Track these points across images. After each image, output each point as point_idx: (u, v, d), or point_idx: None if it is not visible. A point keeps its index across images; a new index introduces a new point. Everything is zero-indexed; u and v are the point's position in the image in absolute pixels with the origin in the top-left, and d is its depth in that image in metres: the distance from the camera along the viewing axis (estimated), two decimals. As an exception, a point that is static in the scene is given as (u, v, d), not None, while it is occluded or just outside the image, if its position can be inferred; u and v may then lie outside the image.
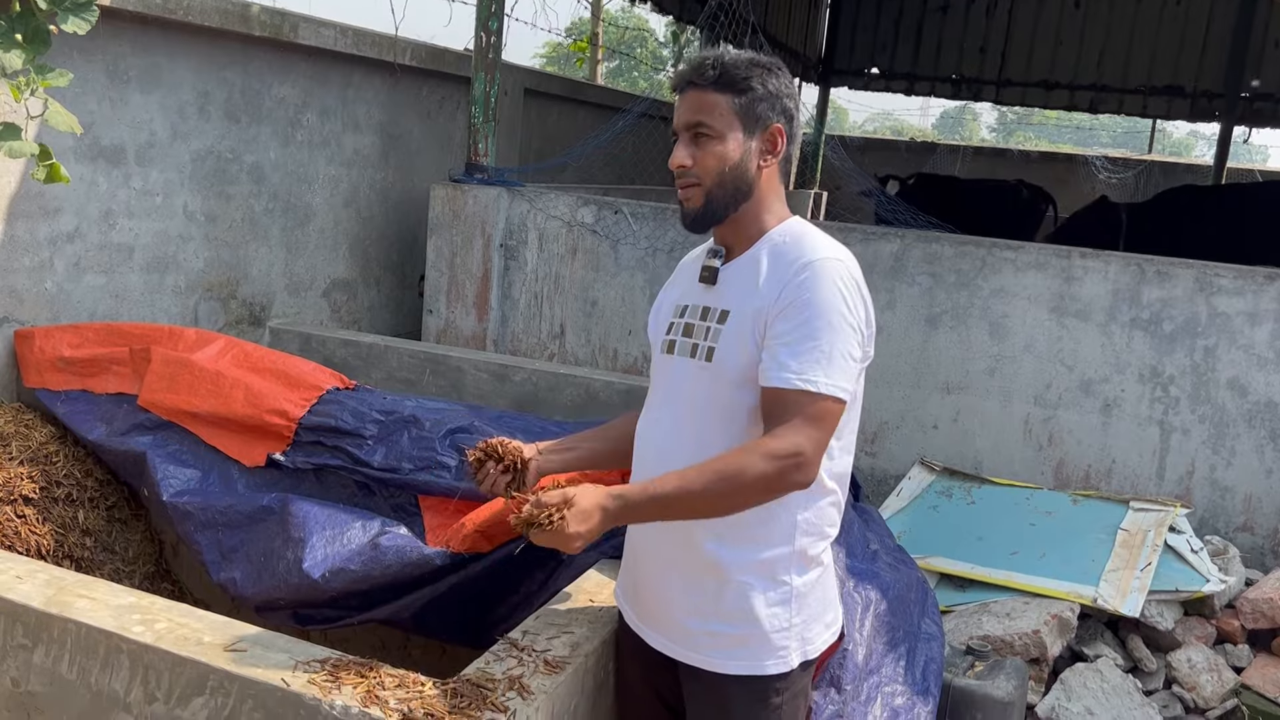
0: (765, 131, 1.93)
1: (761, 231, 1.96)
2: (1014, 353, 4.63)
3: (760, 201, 1.96)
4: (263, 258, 4.87)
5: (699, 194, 1.93)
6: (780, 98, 1.94)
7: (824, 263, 1.85)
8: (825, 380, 1.79)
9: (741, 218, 1.96)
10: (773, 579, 1.93)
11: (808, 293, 1.82)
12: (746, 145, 1.92)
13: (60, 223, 3.84)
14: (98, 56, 3.89)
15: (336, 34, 4.95)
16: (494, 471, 2.14)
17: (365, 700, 1.87)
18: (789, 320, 1.83)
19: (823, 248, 1.90)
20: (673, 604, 2.00)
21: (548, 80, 7.42)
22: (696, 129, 1.92)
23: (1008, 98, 12.99)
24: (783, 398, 1.81)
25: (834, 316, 1.81)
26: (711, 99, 1.90)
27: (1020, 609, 3.57)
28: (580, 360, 5.14)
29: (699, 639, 1.97)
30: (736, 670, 1.93)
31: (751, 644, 1.93)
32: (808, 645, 1.99)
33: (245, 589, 3.10)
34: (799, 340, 1.81)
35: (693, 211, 1.96)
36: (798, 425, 1.78)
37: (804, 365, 1.79)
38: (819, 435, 1.80)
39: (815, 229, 1.97)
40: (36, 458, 3.47)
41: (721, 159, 1.91)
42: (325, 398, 3.46)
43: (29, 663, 2.10)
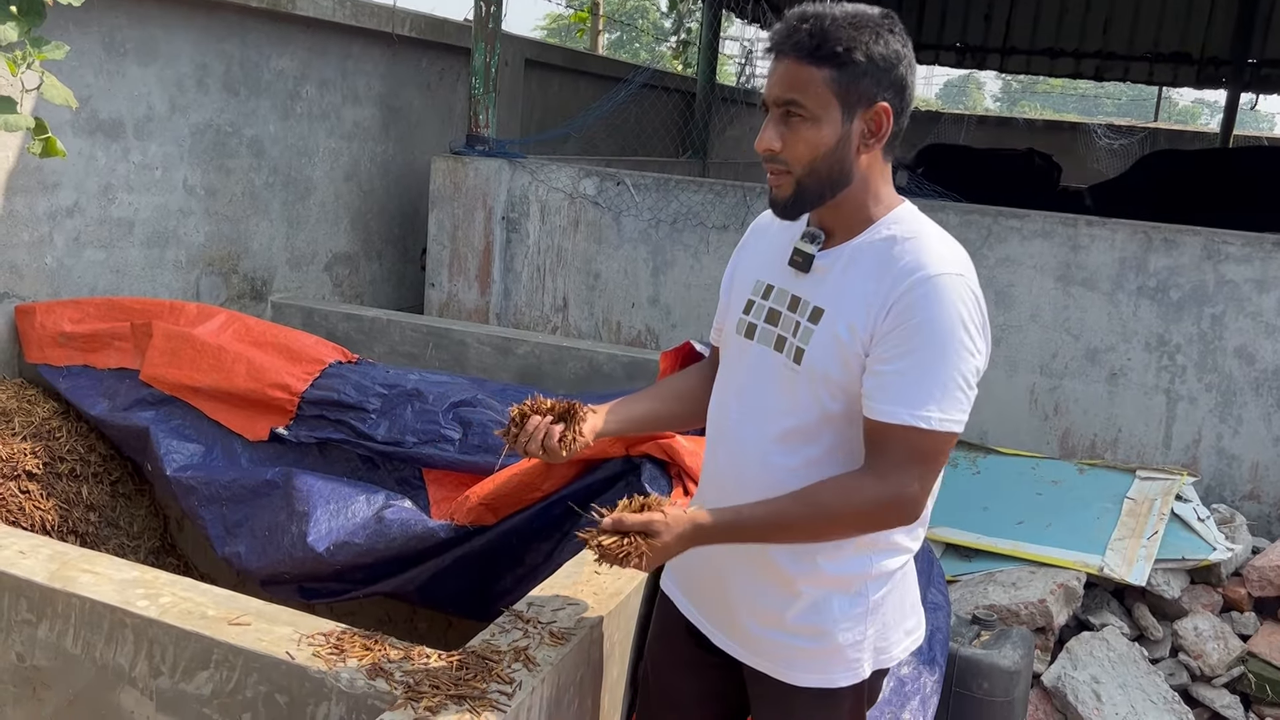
0: (869, 111, 1.65)
1: (868, 220, 1.71)
2: (1020, 322, 4.60)
3: (864, 187, 1.70)
4: (264, 232, 4.84)
5: (789, 183, 1.69)
6: (890, 68, 1.64)
7: (944, 279, 1.61)
8: (940, 415, 1.60)
9: (842, 204, 1.71)
10: (846, 593, 1.77)
11: (924, 314, 1.60)
12: (845, 128, 1.65)
13: (59, 197, 3.82)
14: (94, 29, 3.85)
15: (335, 5, 4.90)
16: (542, 423, 1.88)
17: (371, 672, 1.86)
18: (901, 344, 1.61)
19: (943, 259, 1.64)
20: (735, 607, 1.86)
21: (549, 51, 7.36)
22: (788, 107, 1.66)
23: (1012, 66, 12.89)
24: (891, 434, 1.62)
25: (953, 343, 1.60)
26: (806, 74, 1.63)
27: (1026, 578, 3.57)
28: (583, 333, 5.12)
29: (765, 646, 1.83)
30: (805, 683, 1.80)
31: (822, 658, 1.79)
32: (882, 655, 1.83)
33: (250, 563, 3.10)
34: (912, 369, 1.60)
35: (783, 201, 1.72)
36: (906, 465, 1.61)
37: (917, 399, 1.60)
38: (928, 474, 1.64)
39: (931, 224, 1.71)
40: (39, 433, 3.47)
41: (814, 145, 1.65)
42: (328, 371, 3.45)
43: (34, 638, 2.09)
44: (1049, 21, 12.13)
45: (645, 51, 20.21)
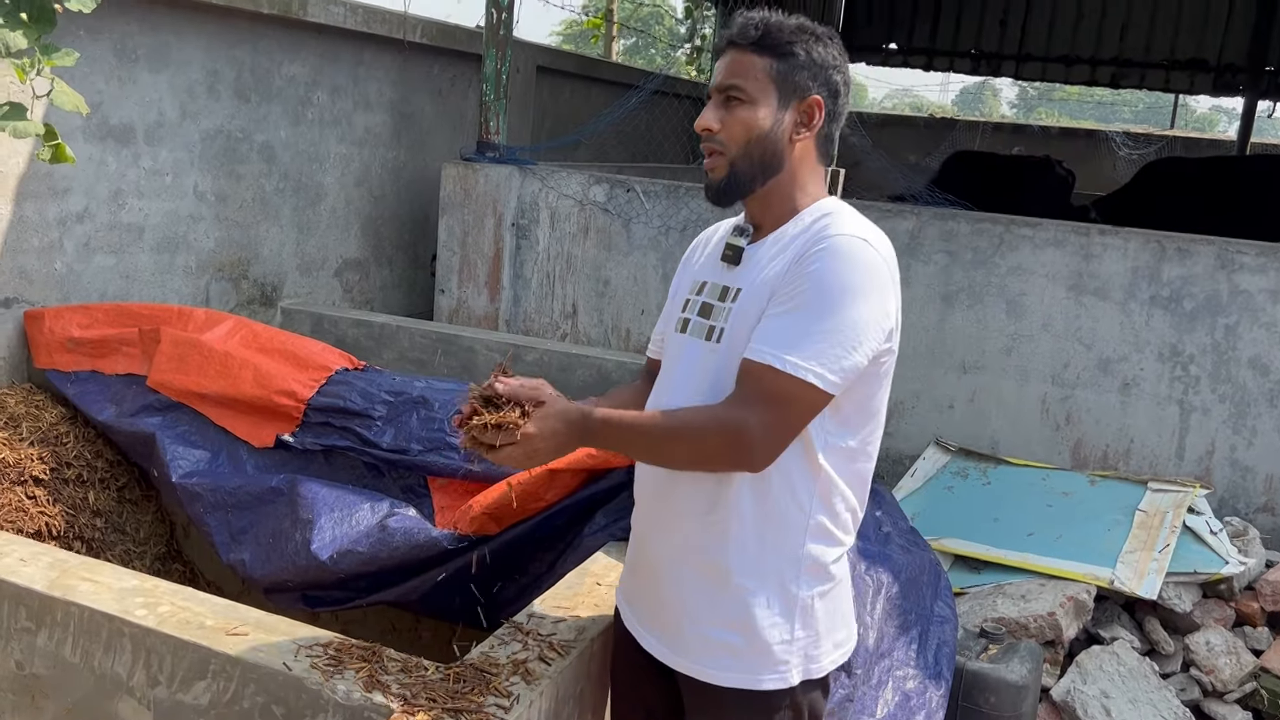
0: (802, 102, 1.77)
1: (793, 210, 1.80)
2: (1031, 331, 4.57)
3: (792, 177, 1.79)
4: (274, 237, 4.85)
5: (723, 164, 1.79)
6: (826, 69, 1.78)
7: (842, 239, 1.68)
8: (797, 360, 1.62)
9: (771, 193, 1.80)
10: (778, 587, 1.78)
11: (815, 266, 1.66)
12: (779, 115, 1.76)
13: (69, 203, 3.83)
14: (105, 35, 3.86)
15: (346, 11, 4.91)
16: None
17: (367, 684, 1.85)
18: (785, 294, 1.69)
19: (848, 225, 1.72)
20: (670, 603, 1.86)
21: (561, 57, 7.36)
22: (729, 91, 1.77)
23: (1027, 73, 12.83)
24: (748, 370, 1.68)
25: (838, 296, 1.64)
26: (749, 61, 1.76)
27: (1036, 591, 3.53)
28: (593, 340, 5.11)
29: (693, 645, 1.83)
30: (731, 683, 1.79)
31: (749, 656, 1.78)
32: (812, 664, 1.82)
33: (254, 570, 3.10)
34: (787, 314, 1.67)
35: (716, 183, 1.81)
36: (751, 401, 1.65)
37: (781, 342, 1.64)
38: (772, 418, 1.64)
39: (852, 210, 1.78)
40: (47, 439, 3.47)
41: (749, 127, 1.75)
42: (334, 378, 3.45)
43: (33, 646, 2.09)
44: (1064, 28, 12.07)
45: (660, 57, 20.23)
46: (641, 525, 1.96)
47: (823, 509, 1.79)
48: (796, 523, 1.77)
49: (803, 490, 1.77)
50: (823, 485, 1.77)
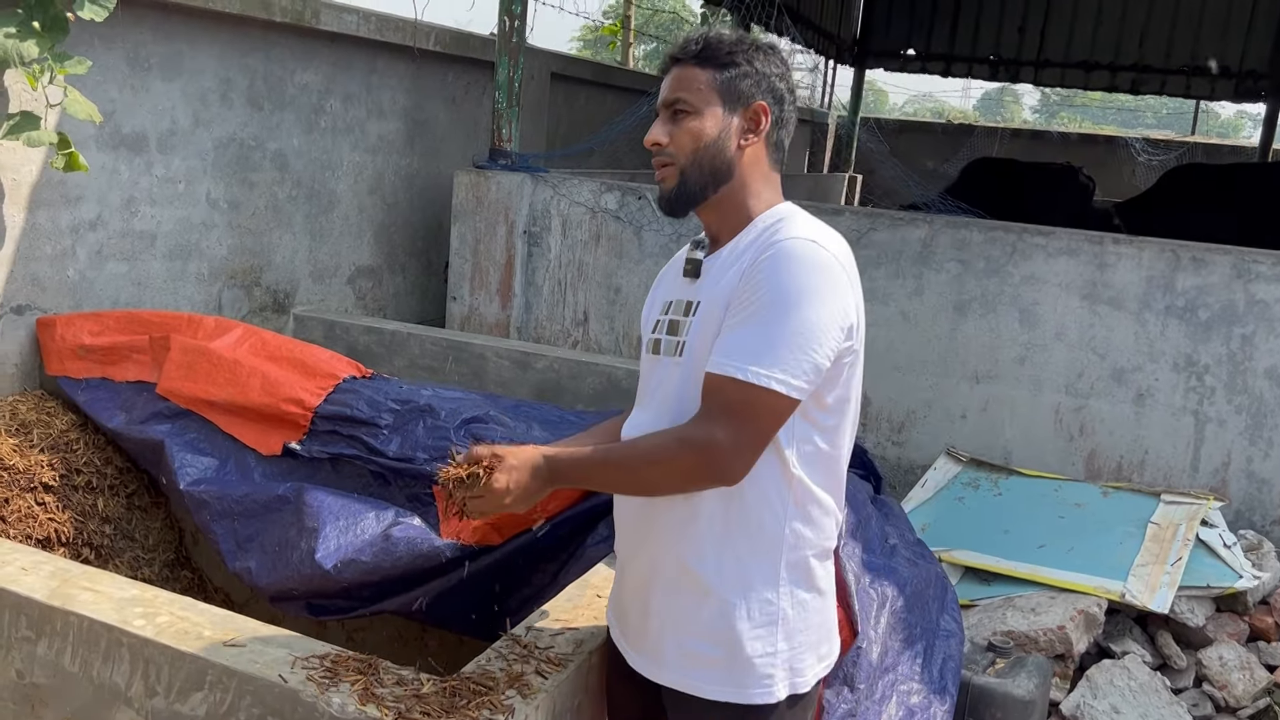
0: (747, 109, 1.80)
1: (748, 218, 1.82)
2: (1045, 341, 4.53)
3: (743, 185, 1.82)
4: (286, 245, 4.86)
5: (673, 173, 1.81)
6: (768, 77, 1.82)
7: (793, 243, 1.69)
8: (759, 370, 1.63)
9: (723, 202, 1.82)
10: (757, 598, 1.77)
11: (766, 273, 1.67)
12: (726, 122, 1.79)
13: (82, 210, 3.85)
14: (118, 44, 3.88)
15: (359, 20, 4.92)
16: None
17: (362, 698, 1.85)
18: (741, 304, 1.69)
19: (799, 228, 1.73)
20: (652, 618, 1.87)
21: (575, 64, 7.37)
22: (675, 105, 1.81)
23: (1046, 79, 12.77)
24: (711, 384, 1.68)
25: (793, 299, 1.65)
26: (692, 74, 1.80)
27: (1046, 604, 3.50)
28: (603, 347, 5.10)
29: (679, 659, 1.82)
30: (716, 696, 1.79)
31: (732, 668, 1.78)
32: (797, 678, 1.81)
33: (260, 579, 3.10)
34: (744, 324, 1.67)
35: (668, 193, 1.83)
36: (719, 415, 1.66)
37: (741, 353, 1.65)
38: (741, 429, 1.65)
39: (805, 215, 1.80)
40: (57, 445, 3.49)
41: (697, 136, 1.78)
42: (341, 386, 3.45)
43: (33, 655, 2.10)
44: (1084, 34, 12.01)
45: (678, 63, 20.15)
46: (622, 542, 1.97)
47: (799, 516, 1.79)
48: (772, 531, 1.77)
49: (776, 498, 1.77)
50: (797, 491, 1.77)
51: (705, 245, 1.89)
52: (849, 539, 2.70)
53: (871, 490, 3.25)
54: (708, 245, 1.88)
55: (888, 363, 4.74)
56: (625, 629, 1.98)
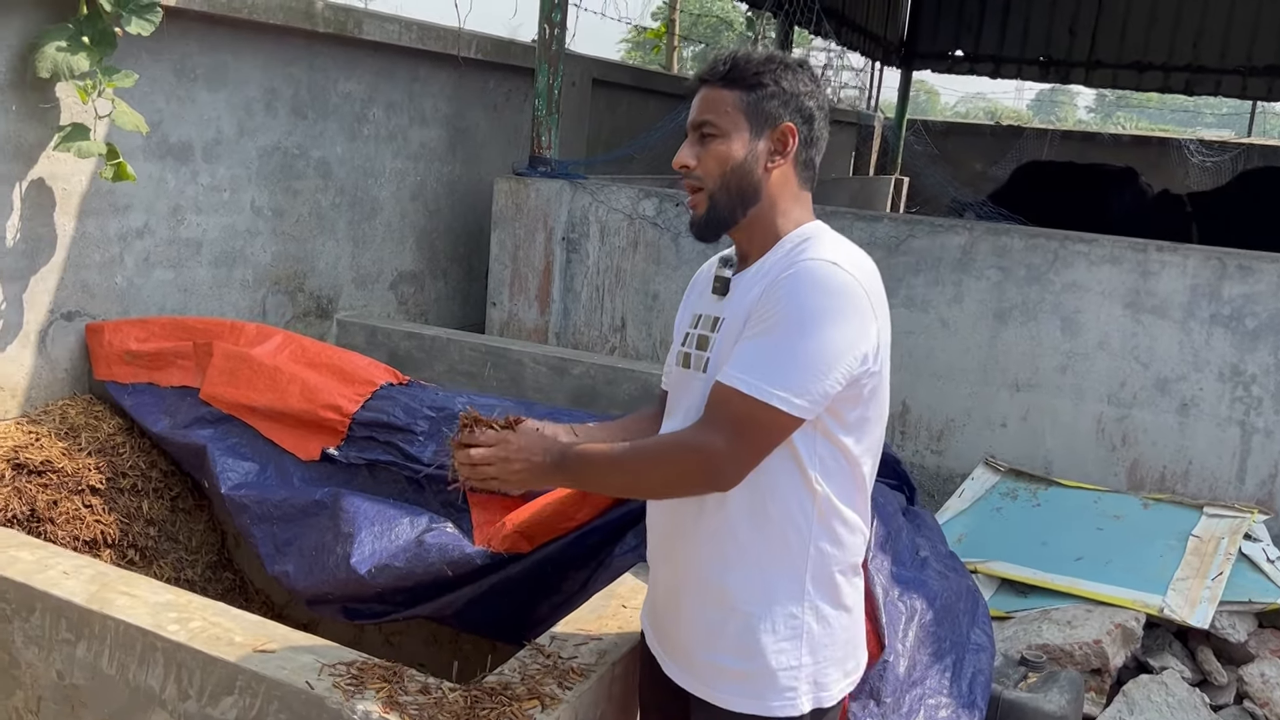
0: (775, 130, 1.80)
1: (776, 238, 1.82)
2: (1087, 349, 4.48)
3: (772, 205, 1.82)
4: (330, 251, 4.94)
5: (703, 199, 1.82)
6: (796, 96, 1.81)
7: (815, 264, 1.70)
8: (763, 385, 1.65)
9: (753, 223, 1.83)
10: (782, 612, 1.79)
11: (785, 292, 1.68)
12: (753, 145, 1.79)
13: (130, 219, 3.94)
14: (166, 56, 3.97)
15: (401, 28, 4.99)
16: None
17: (386, 705, 1.88)
18: (756, 320, 1.71)
19: (820, 249, 1.73)
20: (680, 629, 1.90)
21: (616, 70, 7.39)
22: (702, 128, 1.81)
23: (1098, 80, 12.58)
24: (716, 393, 1.71)
25: (809, 320, 1.66)
26: (719, 96, 1.80)
27: (1082, 617, 3.46)
28: (641, 354, 5.12)
29: (704, 669, 1.86)
30: (740, 708, 1.81)
31: (756, 681, 1.80)
32: (821, 691, 1.82)
33: (297, 582, 3.16)
34: (755, 339, 1.69)
35: (698, 220, 1.85)
36: (719, 423, 1.68)
37: (748, 366, 1.67)
38: (739, 440, 1.67)
39: (832, 235, 1.81)
40: (104, 449, 3.58)
41: (724, 160, 1.79)
42: (379, 393, 3.50)
43: (72, 657, 2.16)
44: (1136, 34, 11.81)
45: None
46: (652, 551, 2.00)
47: (824, 533, 1.80)
48: (797, 548, 1.79)
49: (800, 515, 1.78)
50: (821, 508, 1.78)
51: (734, 263, 1.90)
52: (878, 551, 2.69)
53: (904, 501, 3.24)
54: (736, 263, 1.89)
55: (926, 370, 4.71)
56: (658, 635, 2.02)
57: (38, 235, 3.61)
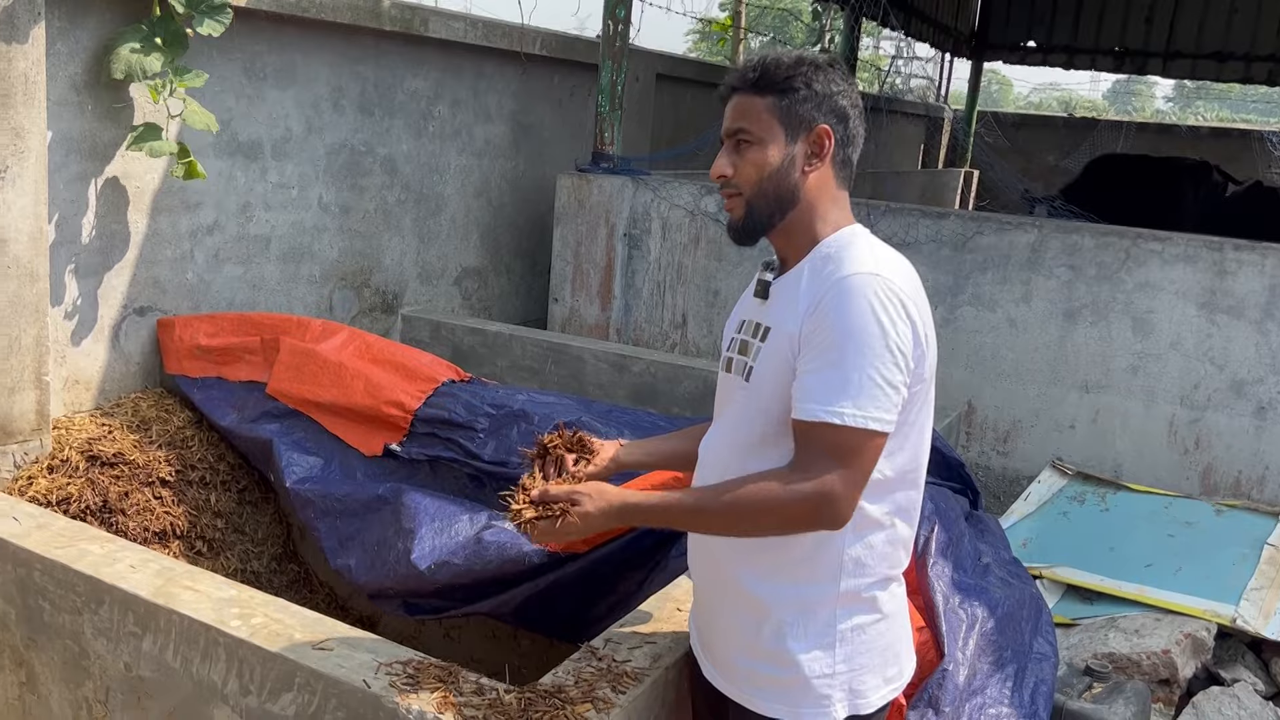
0: (810, 134, 1.78)
1: (814, 241, 1.80)
2: (1159, 350, 4.37)
3: (810, 209, 1.80)
4: (395, 247, 4.99)
5: (740, 204, 1.81)
6: (830, 97, 1.79)
7: (855, 279, 1.68)
8: (854, 411, 1.64)
9: (791, 227, 1.81)
10: (815, 620, 1.79)
11: (836, 314, 1.67)
12: (789, 150, 1.78)
13: (200, 216, 4.02)
14: (236, 55, 4.04)
15: (466, 26, 5.02)
16: (552, 462, 2.08)
17: (440, 705, 1.90)
18: (815, 345, 1.69)
19: (860, 260, 1.72)
20: (717, 634, 1.93)
21: (681, 65, 7.37)
22: (737, 135, 1.80)
23: (1176, 70, 12.24)
24: (809, 432, 1.68)
25: (866, 339, 1.65)
26: (751, 102, 1.79)
27: (1151, 626, 3.38)
28: (702, 350, 5.10)
29: (740, 675, 1.87)
30: (775, 714, 1.82)
31: (790, 688, 1.80)
32: (858, 699, 1.81)
33: (359, 576, 3.20)
34: (824, 368, 1.67)
35: (735, 224, 1.84)
36: (825, 463, 1.66)
37: (829, 395, 1.65)
38: (849, 472, 1.66)
39: (868, 238, 1.80)
40: (174, 442, 3.66)
41: (761, 166, 1.78)
42: (440, 390, 3.53)
43: (139, 649, 2.21)
44: (1217, 23, 11.47)
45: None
46: (691, 559, 2.02)
47: (858, 542, 1.79)
48: (831, 557, 1.79)
49: None
50: (856, 519, 1.76)
51: (776, 267, 1.89)
52: (938, 558, 2.65)
53: (967, 506, 3.18)
54: (778, 267, 1.88)
55: (993, 370, 4.64)
56: (701, 639, 2.03)
57: (112, 232, 3.70)
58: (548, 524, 1.78)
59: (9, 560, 2.39)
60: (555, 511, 1.77)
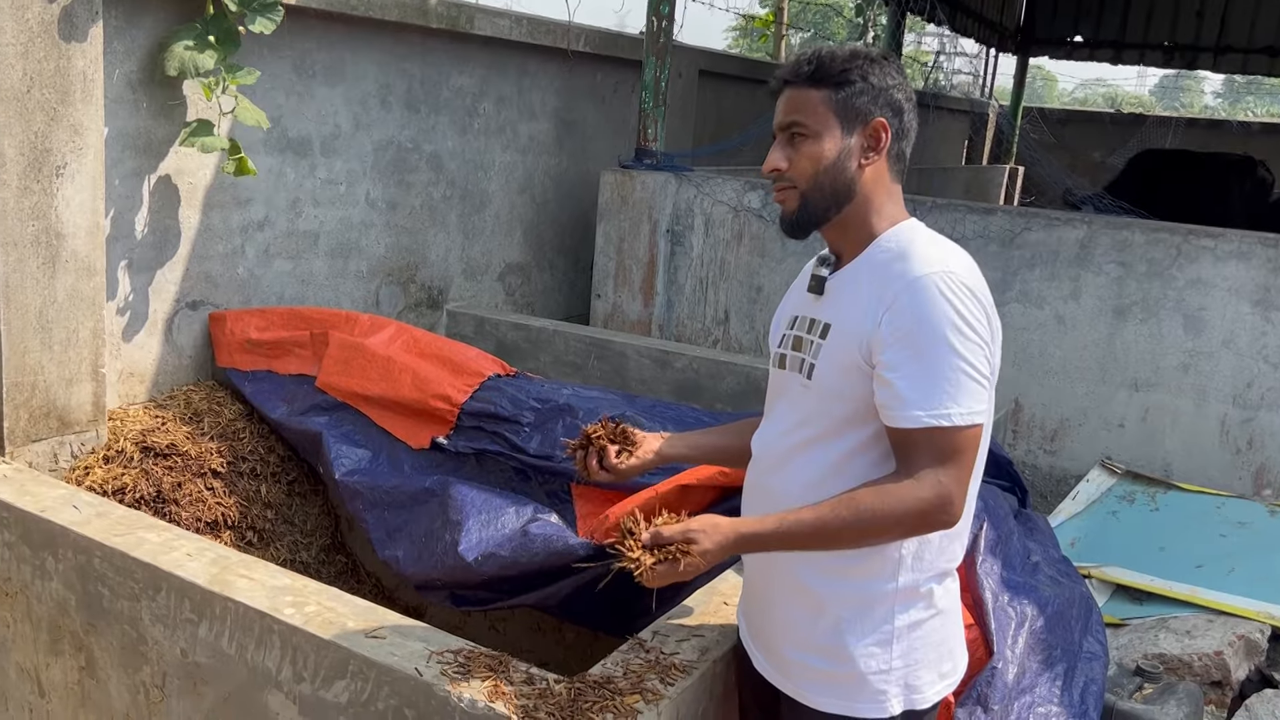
0: (866, 127, 1.77)
1: (870, 236, 1.80)
2: (1211, 348, 4.31)
3: (866, 203, 1.79)
4: (440, 243, 5.03)
5: (794, 197, 1.80)
6: (886, 90, 1.78)
7: (927, 278, 1.67)
8: (958, 410, 1.64)
9: (846, 221, 1.80)
10: (871, 615, 1.79)
11: (914, 316, 1.66)
12: (845, 143, 1.76)
13: (251, 212, 4.08)
14: (286, 53, 4.09)
15: (511, 23, 5.04)
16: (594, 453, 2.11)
17: (491, 694, 1.91)
18: (900, 349, 1.66)
19: (927, 259, 1.71)
20: (771, 627, 1.92)
21: (723, 61, 7.36)
22: (791, 128, 1.78)
23: (1226, 65, 12.04)
24: (916, 438, 1.66)
25: (951, 334, 1.64)
26: (806, 96, 1.77)
27: (1202, 627, 3.33)
28: (744, 347, 5.10)
29: (794, 669, 1.87)
30: (828, 708, 1.81)
31: (845, 683, 1.80)
32: (914, 694, 1.81)
33: (407, 568, 3.23)
34: (918, 371, 1.65)
35: (789, 217, 1.82)
36: (937, 467, 1.65)
37: (930, 399, 1.64)
38: (961, 471, 1.67)
39: (927, 234, 1.78)
40: (225, 434, 3.72)
41: (816, 159, 1.76)
42: (486, 384, 3.56)
43: (195, 636, 2.25)
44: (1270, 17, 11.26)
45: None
46: (747, 554, 1.98)
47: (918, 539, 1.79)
48: (887, 551, 1.78)
49: None
50: None
51: (831, 262, 1.87)
52: (987, 555, 2.63)
53: (1015, 504, 3.16)
54: (833, 262, 1.87)
55: (1041, 368, 4.59)
56: (751, 632, 2.03)
57: (165, 227, 3.76)
58: (667, 568, 1.74)
59: (69, 547, 2.44)
60: (673, 554, 1.73)
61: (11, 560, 2.56)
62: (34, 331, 3.18)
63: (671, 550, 1.74)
